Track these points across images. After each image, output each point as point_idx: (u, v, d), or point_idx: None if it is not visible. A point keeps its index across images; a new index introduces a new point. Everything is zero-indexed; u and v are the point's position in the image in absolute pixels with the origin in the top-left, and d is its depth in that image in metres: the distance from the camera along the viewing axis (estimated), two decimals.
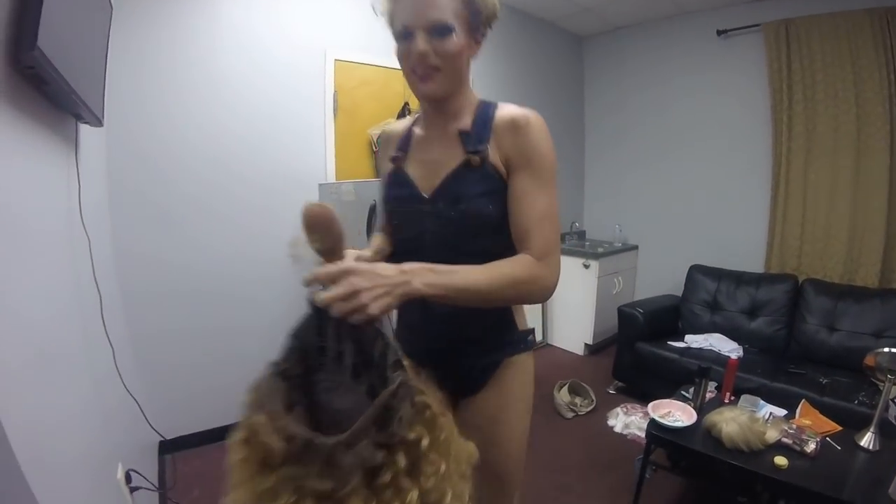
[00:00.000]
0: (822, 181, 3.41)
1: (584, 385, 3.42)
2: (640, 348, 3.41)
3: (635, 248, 4.52)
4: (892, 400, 2.11)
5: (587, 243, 4.68)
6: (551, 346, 4.54)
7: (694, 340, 3.35)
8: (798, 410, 2.34)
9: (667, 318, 3.67)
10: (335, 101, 3.05)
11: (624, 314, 3.55)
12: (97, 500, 1.38)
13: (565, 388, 3.38)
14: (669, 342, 3.36)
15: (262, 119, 2.79)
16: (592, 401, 3.33)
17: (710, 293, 3.61)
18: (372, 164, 3.13)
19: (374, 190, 2.53)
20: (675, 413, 2.34)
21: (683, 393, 2.49)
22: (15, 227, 1.07)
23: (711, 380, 2.47)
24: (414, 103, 3.17)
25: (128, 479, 1.69)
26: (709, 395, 2.51)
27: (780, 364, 3.01)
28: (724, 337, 3.37)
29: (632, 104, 4.49)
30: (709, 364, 2.58)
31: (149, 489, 1.86)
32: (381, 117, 3.16)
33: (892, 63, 3.14)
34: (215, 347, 2.80)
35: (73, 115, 1.51)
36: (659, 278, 4.21)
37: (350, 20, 3.09)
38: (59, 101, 1.31)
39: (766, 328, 3.32)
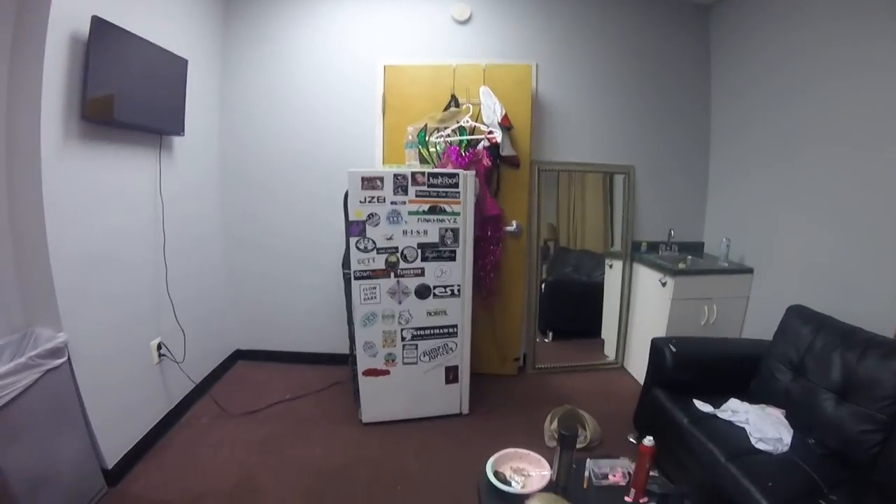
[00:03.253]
0: None
1: (585, 416, 2.74)
2: (655, 396, 2.52)
3: (749, 271, 3.20)
4: None
5: (690, 258, 3.53)
6: (625, 370, 3.71)
7: (733, 409, 2.29)
8: None
9: (735, 371, 2.56)
10: (384, 101, 3.39)
11: (654, 348, 2.63)
12: (135, 349, 2.54)
13: (558, 418, 2.75)
14: (698, 399, 2.36)
15: (328, 117, 3.47)
16: (587, 439, 2.63)
17: (798, 350, 2.37)
18: (405, 154, 3.15)
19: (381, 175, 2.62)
20: (530, 473, 1.78)
21: None
22: (122, 196, 2.40)
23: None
24: (462, 95, 3.24)
25: (159, 347, 2.70)
26: (613, 479, 1.79)
27: (831, 484, 1.83)
28: (778, 417, 2.21)
29: (764, 83, 3.16)
30: (571, 432, 1.75)
31: (172, 360, 2.80)
32: (428, 111, 3.23)
33: None
34: (282, 290, 3.66)
35: (157, 133, 2.63)
36: (777, 314, 2.72)
37: (401, 30, 3.43)
38: (145, 129, 2.51)
39: (851, 423, 2.01)
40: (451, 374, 2.86)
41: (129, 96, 2.26)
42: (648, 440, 1.71)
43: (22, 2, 1.89)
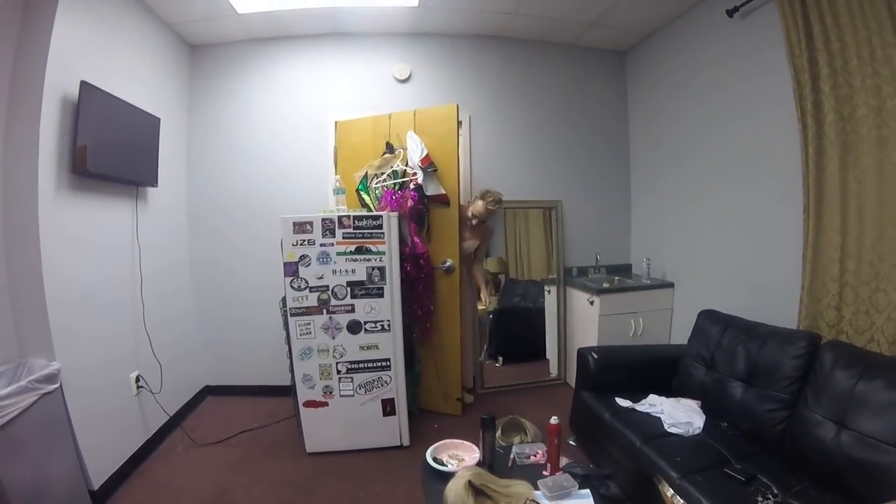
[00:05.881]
0: (867, 190, 2.07)
1: (526, 422, 2.72)
2: (583, 397, 2.64)
3: (671, 285, 3.43)
4: None
5: (617, 278, 3.74)
6: (567, 384, 3.79)
7: (651, 403, 2.44)
8: None
9: (657, 372, 2.76)
10: (335, 153, 3.61)
11: (579, 356, 2.79)
12: (117, 380, 2.69)
13: (501, 428, 2.71)
14: (619, 398, 2.51)
15: (284, 170, 3.74)
16: (530, 442, 2.63)
17: (709, 347, 2.54)
18: (355, 199, 3.31)
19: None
20: (463, 458, 2.02)
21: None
22: (105, 241, 2.61)
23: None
24: (395, 142, 3.30)
25: (137, 379, 2.84)
26: (534, 458, 2.01)
27: (740, 457, 1.98)
28: (693, 406, 2.36)
29: (668, 110, 3.57)
30: (491, 415, 1.99)
31: (148, 391, 2.93)
32: (370, 158, 3.34)
33: None
34: (244, 329, 3.77)
35: (134, 184, 2.84)
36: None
37: (346, 88, 3.72)
38: (124, 181, 2.74)
39: (758, 404, 2.16)
40: (388, 407, 2.86)
41: (113, 151, 2.51)
42: (554, 419, 1.92)
43: (17, 66, 2.14)
